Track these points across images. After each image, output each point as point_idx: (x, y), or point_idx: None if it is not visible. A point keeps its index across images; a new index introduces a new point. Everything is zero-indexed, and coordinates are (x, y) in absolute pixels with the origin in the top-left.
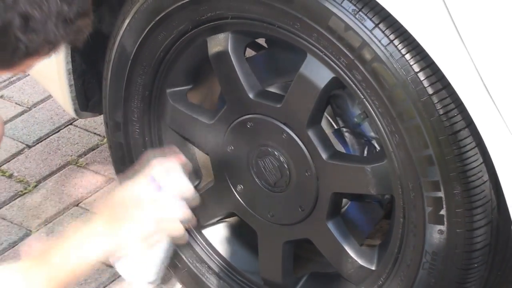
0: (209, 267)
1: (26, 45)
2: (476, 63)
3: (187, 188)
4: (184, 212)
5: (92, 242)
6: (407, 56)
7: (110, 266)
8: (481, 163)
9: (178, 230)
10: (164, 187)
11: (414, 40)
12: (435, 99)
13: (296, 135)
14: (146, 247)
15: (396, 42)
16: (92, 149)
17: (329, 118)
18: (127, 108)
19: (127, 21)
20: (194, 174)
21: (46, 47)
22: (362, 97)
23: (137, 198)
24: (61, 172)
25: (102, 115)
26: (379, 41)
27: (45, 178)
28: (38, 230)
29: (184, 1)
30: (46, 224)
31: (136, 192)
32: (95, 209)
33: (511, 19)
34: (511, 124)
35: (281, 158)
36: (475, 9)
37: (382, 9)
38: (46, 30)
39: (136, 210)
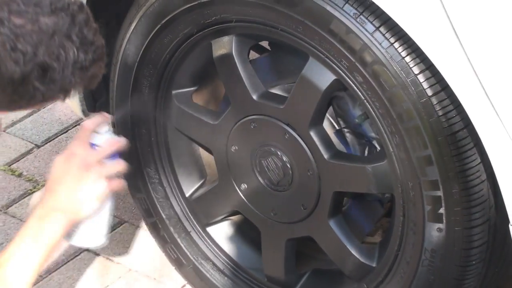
0: (213, 264)
1: (43, 93)
2: (474, 65)
3: (118, 140)
4: (122, 163)
5: (48, 227)
6: (407, 59)
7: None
8: (479, 163)
9: (121, 184)
10: (100, 145)
11: (413, 43)
12: (434, 100)
13: (299, 135)
14: (96, 209)
15: (396, 45)
16: None
17: (331, 119)
18: (134, 109)
19: (133, 25)
20: (200, 173)
21: (61, 94)
22: (363, 98)
23: (84, 162)
24: None
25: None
26: (380, 44)
27: None
28: None
29: (189, 5)
30: None
31: (82, 157)
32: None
33: (508, 24)
34: (509, 125)
35: (284, 158)
36: (473, 12)
37: (383, 12)
38: (63, 79)
39: (86, 174)
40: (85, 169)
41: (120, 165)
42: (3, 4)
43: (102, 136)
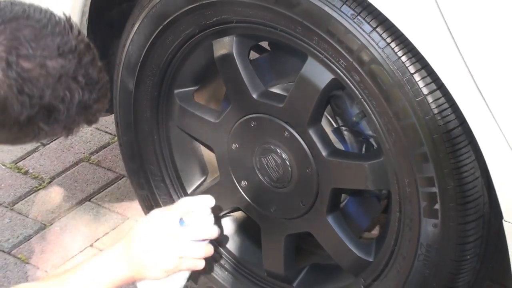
0: (214, 259)
1: (47, 132)
2: (468, 65)
3: (211, 228)
4: (206, 251)
5: (110, 274)
6: (403, 58)
7: None
8: (473, 160)
9: (199, 266)
10: (189, 225)
11: (409, 43)
12: (429, 99)
13: (298, 133)
14: (167, 276)
15: (392, 45)
16: (104, 147)
17: (329, 117)
18: (137, 108)
19: (136, 26)
20: (201, 170)
21: (65, 132)
22: (360, 97)
23: (162, 232)
24: (74, 168)
25: (113, 115)
26: (377, 44)
27: (59, 174)
28: (52, 224)
29: (191, 6)
30: (60, 218)
31: (161, 226)
32: (122, 239)
33: (502, 24)
34: (502, 123)
35: (283, 156)
36: (468, 13)
37: (380, 13)
38: (67, 119)
39: (160, 244)
40: (172, 238)
41: (206, 251)
42: (12, 48)
43: (198, 219)
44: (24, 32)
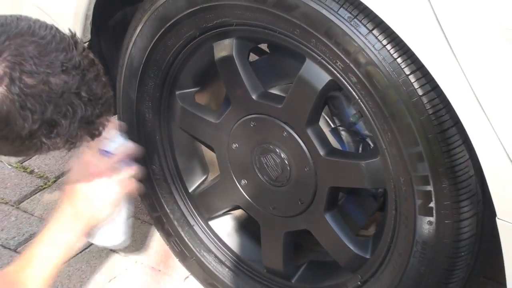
0: (215, 256)
1: (49, 146)
2: (462, 66)
3: (129, 146)
4: (135, 167)
5: (68, 232)
6: (399, 60)
7: (122, 256)
8: (467, 159)
9: (134, 184)
10: (112, 152)
11: (405, 45)
12: (424, 99)
13: (296, 133)
14: (114, 213)
15: (388, 47)
16: None
17: (327, 118)
18: (139, 109)
19: (139, 28)
20: (202, 169)
21: (67, 146)
22: (357, 98)
23: (97, 170)
24: None
25: (116, 115)
26: (373, 46)
27: (63, 174)
28: None
29: (192, 9)
30: None
31: (94, 164)
32: (64, 194)
33: (494, 27)
34: (495, 123)
35: (282, 155)
36: (462, 16)
37: (376, 16)
38: (69, 133)
39: (93, 183)
40: (97, 176)
41: (132, 170)
42: (16, 64)
43: (114, 142)
44: (29, 48)
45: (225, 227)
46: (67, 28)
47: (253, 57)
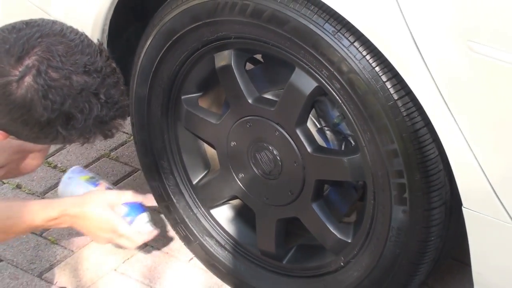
0: (216, 240)
1: (64, 136)
2: (432, 74)
3: (148, 230)
4: (138, 244)
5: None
6: (377, 69)
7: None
8: (437, 155)
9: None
10: (130, 220)
11: (382, 55)
12: (399, 103)
13: (287, 133)
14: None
15: (367, 57)
16: (121, 144)
17: (314, 119)
18: (150, 111)
19: (149, 41)
20: (204, 164)
21: (81, 140)
22: (340, 102)
23: (116, 234)
24: (96, 163)
25: (129, 117)
26: (354, 56)
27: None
28: None
29: (195, 25)
30: None
31: (114, 229)
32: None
33: (459, 40)
34: (461, 123)
35: (274, 152)
36: (433, 32)
37: (356, 30)
38: (84, 128)
39: (99, 230)
40: (113, 237)
41: (137, 244)
42: (44, 59)
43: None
44: (58, 47)
45: (224, 214)
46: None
47: (249, 66)
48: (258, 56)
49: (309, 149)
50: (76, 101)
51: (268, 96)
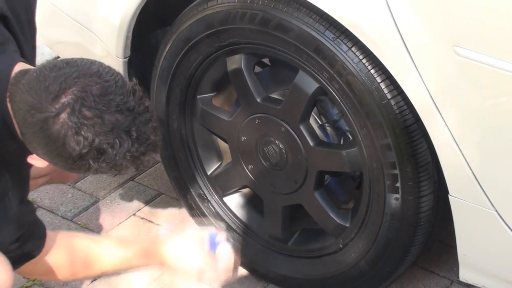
0: (228, 225)
1: (96, 169)
2: (422, 76)
3: (230, 269)
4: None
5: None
6: (372, 71)
7: (154, 224)
8: (426, 149)
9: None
10: (217, 257)
11: (377, 59)
12: (392, 102)
13: (291, 128)
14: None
15: (364, 61)
16: None
17: (315, 116)
18: (169, 110)
19: (168, 46)
20: (218, 157)
21: (113, 172)
22: (339, 101)
23: (199, 269)
24: None
25: None
26: (352, 60)
27: None
28: (104, 198)
29: (209, 32)
30: (110, 194)
31: (200, 264)
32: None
33: (446, 46)
34: (448, 120)
35: (280, 146)
36: (423, 38)
37: (354, 36)
38: (114, 162)
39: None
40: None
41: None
42: (79, 98)
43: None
44: (93, 87)
45: (235, 202)
46: (112, 45)
47: (257, 69)
48: (266, 60)
49: (311, 143)
50: (107, 137)
51: (274, 95)
